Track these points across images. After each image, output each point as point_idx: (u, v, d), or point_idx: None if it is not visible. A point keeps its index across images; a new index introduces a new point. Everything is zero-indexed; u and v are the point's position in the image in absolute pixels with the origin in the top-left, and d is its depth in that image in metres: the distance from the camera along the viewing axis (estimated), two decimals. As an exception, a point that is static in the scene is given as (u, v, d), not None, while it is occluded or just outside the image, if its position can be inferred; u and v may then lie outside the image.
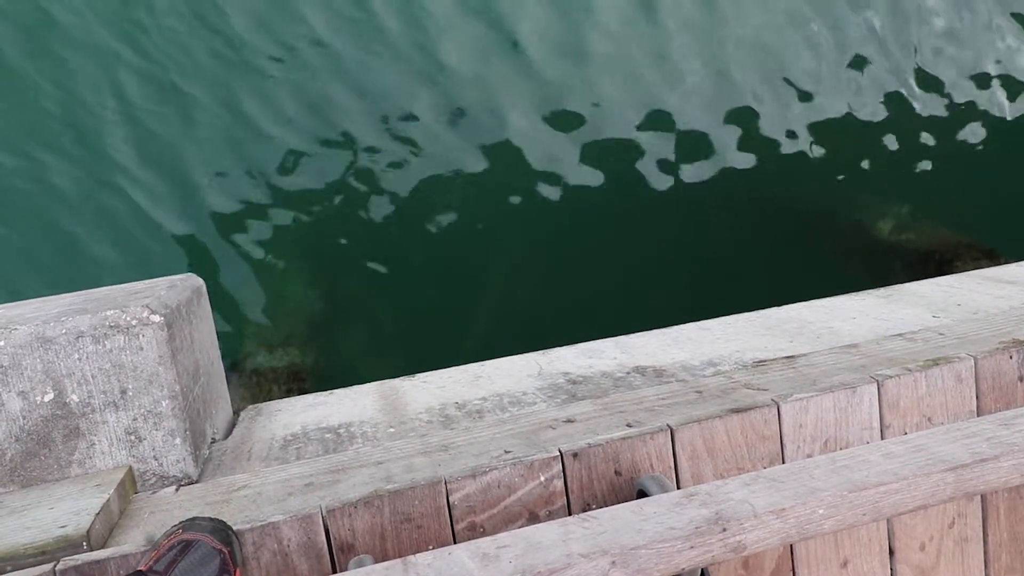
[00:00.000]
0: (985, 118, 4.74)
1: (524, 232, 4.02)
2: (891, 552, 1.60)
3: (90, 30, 3.91)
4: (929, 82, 4.73)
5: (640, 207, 4.16)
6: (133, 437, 1.55)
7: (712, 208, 4.23)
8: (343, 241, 3.87)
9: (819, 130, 4.50)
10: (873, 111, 4.60)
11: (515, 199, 4.07)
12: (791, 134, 4.45)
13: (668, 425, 1.47)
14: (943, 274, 2.63)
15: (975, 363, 1.64)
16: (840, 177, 4.45)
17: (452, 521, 1.36)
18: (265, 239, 3.80)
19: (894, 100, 4.65)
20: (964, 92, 4.77)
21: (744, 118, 4.43)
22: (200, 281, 1.96)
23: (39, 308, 1.66)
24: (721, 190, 4.28)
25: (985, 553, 1.67)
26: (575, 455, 1.41)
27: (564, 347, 2.26)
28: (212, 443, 1.78)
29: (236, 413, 2.05)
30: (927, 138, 4.61)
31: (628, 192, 4.18)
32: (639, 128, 4.30)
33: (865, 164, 4.49)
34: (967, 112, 4.73)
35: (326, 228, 3.87)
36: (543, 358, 2.18)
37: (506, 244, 3.99)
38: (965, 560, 1.66)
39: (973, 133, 4.69)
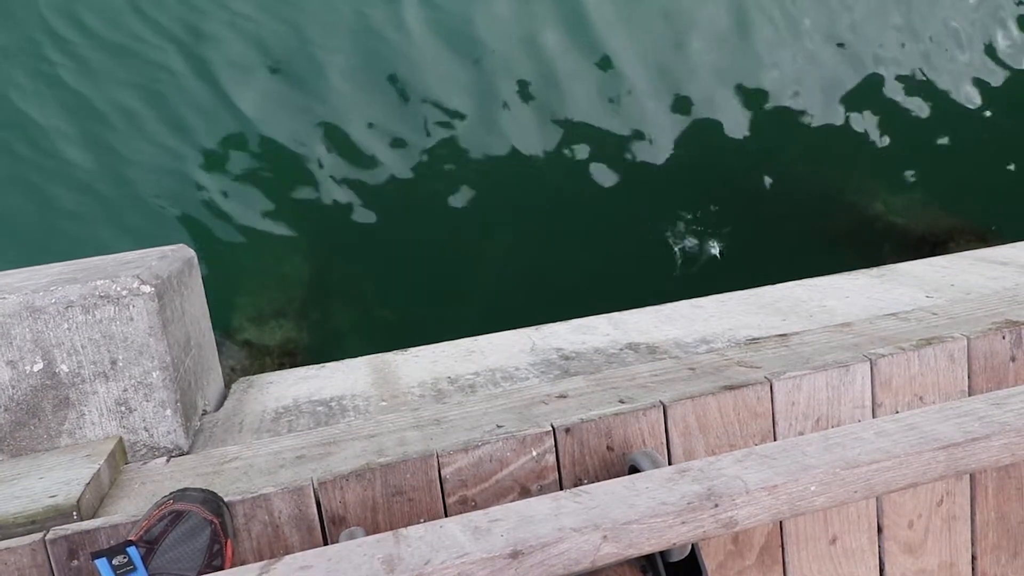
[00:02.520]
0: (979, 101, 4.72)
1: (518, 208, 4.00)
2: (880, 529, 1.61)
3: None
4: (925, 65, 4.71)
5: (633, 185, 4.14)
6: (123, 408, 1.54)
7: (706, 187, 4.22)
8: (336, 216, 3.85)
9: (814, 111, 4.48)
10: (868, 92, 4.58)
11: (509, 176, 4.04)
12: (786, 114, 4.43)
13: (661, 401, 1.47)
14: (937, 255, 2.63)
15: (968, 343, 1.65)
16: (835, 158, 4.44)
17: (444, 495, 1.36)
18: (257, 213, 3.77)
19: (889, 82, 4.63)
20: (959, 75, 4.75)
21: (739, 98, 4.40)
22: (191, 252, 1.94)
23: (28, 277, 1.64)
24: (715, 170, 4.27)
25: (972, 532, 1.68)
26: (567, 430, 1.41)
27: (557, 323, 2.26)
28: (203, 415, 1.77)
29: (227, 385, 2.05)
30: (922, 120, 4.59)
31: (620, 171, 4.15)
32: (631, 106, 4.26)
33: (860, 145, 4.48)
34: (962, 95, 4.71)
35: (319, 203, 3.84)
36: (536, 334, 2.18)
37: (500, 220, 3.97)
38: (952, 538, 1.67)
39: (968, 116, 4.68)
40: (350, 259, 3.80)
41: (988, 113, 4.71)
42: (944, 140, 4.59)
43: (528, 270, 3.90)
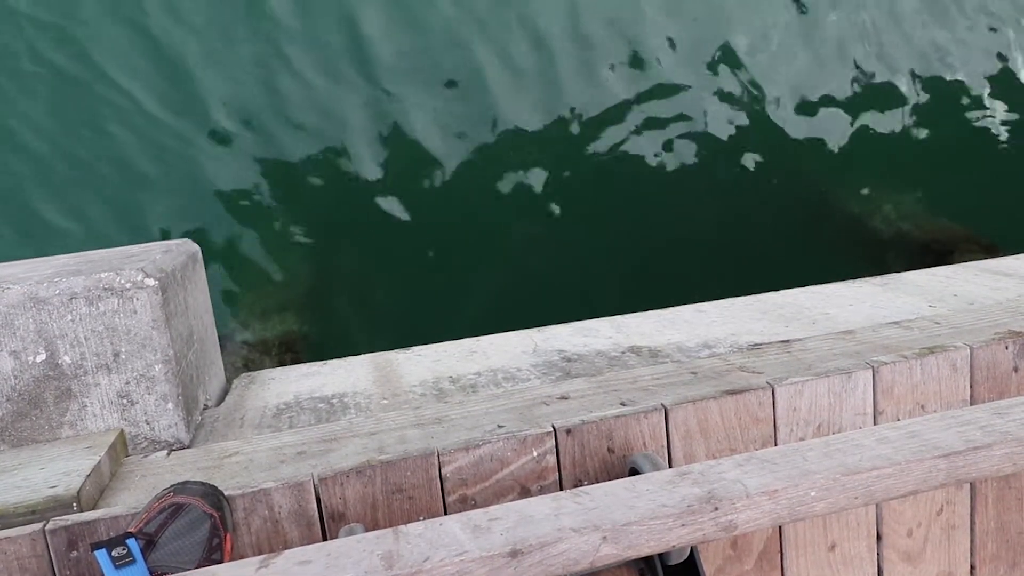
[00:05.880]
0: (987, 110, 4.72)
1: (522, 209, 4.01)
2: (879, 537, 1.61)
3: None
4: (933, 74, 4.71)
5: (639, 190, 4.14)
6: (125, 400, 1.55)
7: (712, 193, 4.22)
8: (340, 212, 3.85)
9: (820, 118, 4.48)
10: (876, 100, 4.58)
11: (515, 177, 4.05)
12: (792, 122, 4.43)
13: (662, 404, 1.47)
14: (941, 265, 2.63)
15: (971, 352, 1.64)
16: (841, 166, 4.44)
17: (444, 493, 1.36)
18: (262, 209, 3.78)
19: (897, 91, 4.63)
20: (967, 84, 4.75)
21: (744, 106, 4.40)
22: (196, 247, 1.94)
23: (32, 268, 1.65)
24: (721, 176, 4.27)
25: (971, 541, 1.68)
26: (568, 431, 1.41)
27: (559, 325, 2.26)
28: (204, 409, 1.78)
29: (229, 380, 2.05)
30: (929, 129, 4.59)
31: (627, 174, 4.16)
32: (638, 113, 4.27)
33: (866, 154, 4.48)
34: (971, 104, 4.71)
35: (323, 199, 3.85)
36: (538, 335, 2.18)
37: (504, 220, 3.97)
38: (951, 547, 1.67)
39: (975, 125, 4.67)
40: (353, 257, 3.80)
41: (995, 123, 4.70)
42: (950, 150, 4.59)
43: (531, 272, 3.90)
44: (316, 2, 4.07)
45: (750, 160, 4.31)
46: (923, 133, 4.58)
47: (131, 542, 1.04)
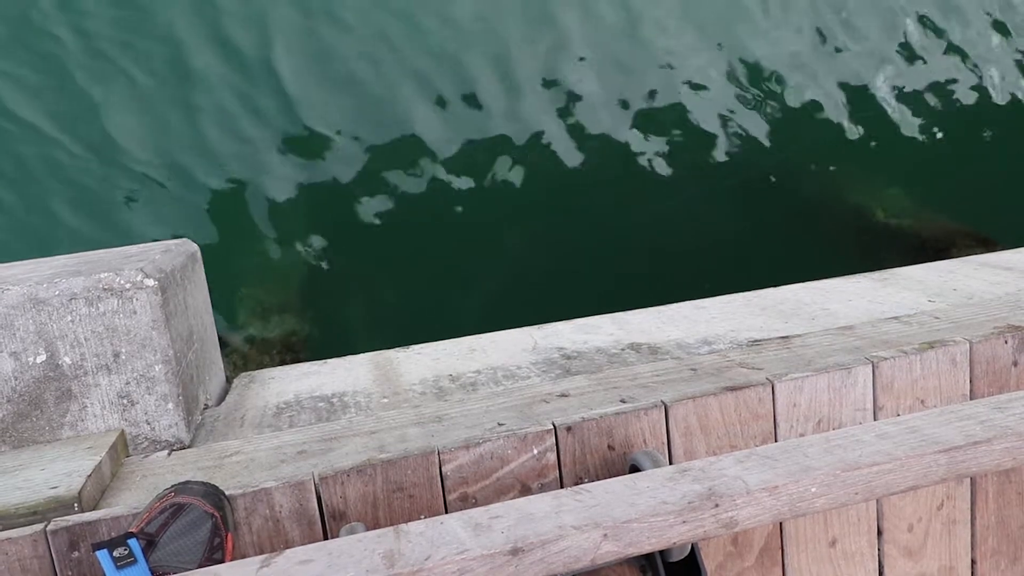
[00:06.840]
0: (985, 105, 4.72)
1: (522, 207, 4.00)
2: (879, 532, 1.61)
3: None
4: (929, 69, 4.71)
5: (639, 188, 4.14)
6: (125, 401, 1.55)
7: (710, 189, 4.22)
8: (340, 212, 3.85)
9: (817, 114, 4.47)
10: (872, 95, 4.58)
11: (515, 175, 4.04)
12: (789, 117, 4.43)
13: (662, 401, 1.47)
14: (939, 260, 2.63)
15: (970, 347, 1.65)
16: (839, 161, 4.44)
17: (444, 491, 1.36)
18: (261, 208, 3.78)
19: (893, 86, 4.62)
20: (964, 78, 4.75)
21: (740, 100, 4.40)
22: (195, 247, 1.94)
23: (32, 269, 1.65)
24: (719, 172, 4.26)
25: (972, 536, 1.68)
26: (569, 429, 1.41)
27: (559, 322, 2.26)
28: (205, 409, 1.78)
29: (229, 380, 2.05)
30: (926, 124, 4.59)
31: (627, 173, 4.15)
32: (638, 109, 4.26)
33: (864, 149, 4.48)
34: (968, 99, 4.71)
35: (324, 199, 3.85)
36: (538, 332, 2.18)
37: (504, 218, 3.97)
38: (952, 542, 1.67)
39: (973, 121, 4.67)
40: (353, 255, 3.80)
41: (993, 118, 4.70)
42: (948, 145, 4.59)
43: (531, 269, 3.90)
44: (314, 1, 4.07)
45: (749, 157, 4.31)
46: (921, 128, 4.58)
47: (132, 542, 1.05)
